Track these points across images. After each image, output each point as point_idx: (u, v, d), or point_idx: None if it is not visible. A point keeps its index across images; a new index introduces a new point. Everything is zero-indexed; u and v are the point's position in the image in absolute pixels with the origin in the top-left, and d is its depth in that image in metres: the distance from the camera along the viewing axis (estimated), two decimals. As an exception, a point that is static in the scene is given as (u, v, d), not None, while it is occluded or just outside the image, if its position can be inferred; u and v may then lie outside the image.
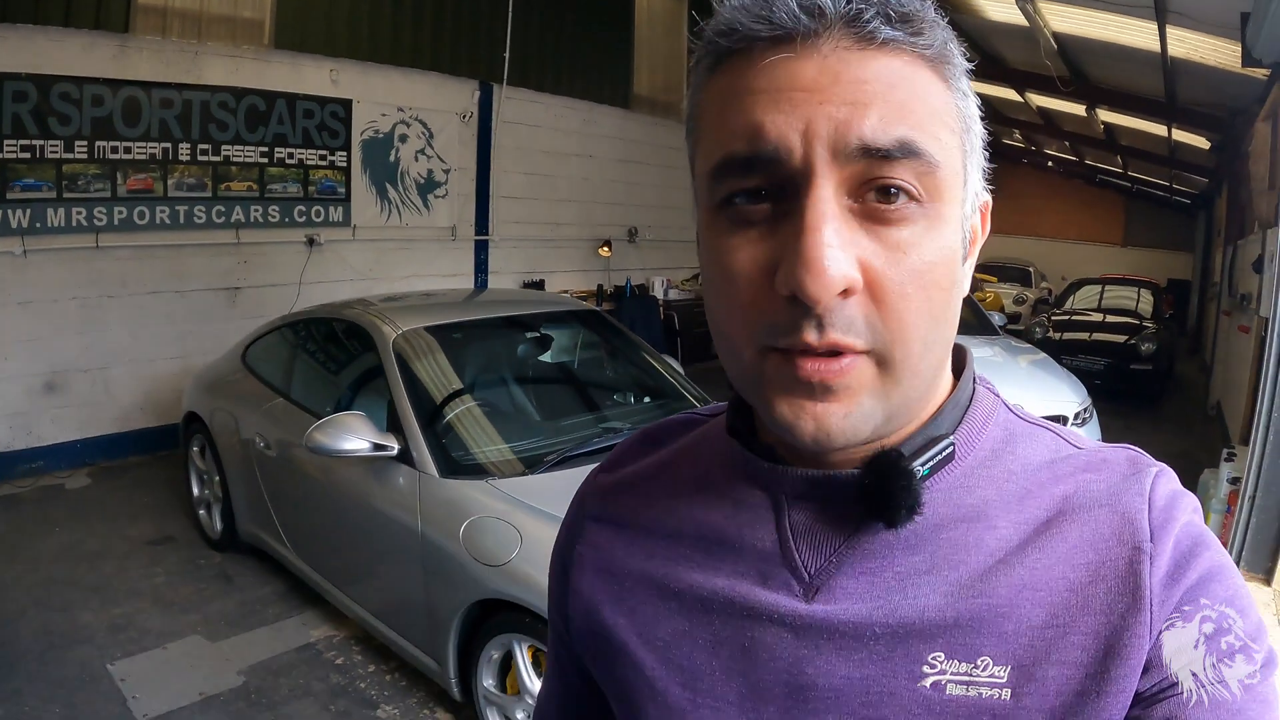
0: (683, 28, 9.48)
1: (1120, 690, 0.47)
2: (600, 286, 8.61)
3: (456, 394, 3.18)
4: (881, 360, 0.48)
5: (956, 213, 0.50)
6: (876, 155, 0.45)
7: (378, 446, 2.79)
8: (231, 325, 5.65)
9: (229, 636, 3.34)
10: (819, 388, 0.47)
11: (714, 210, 0.51)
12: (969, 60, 0.52)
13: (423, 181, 6.85)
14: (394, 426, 2.93)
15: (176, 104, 5.16)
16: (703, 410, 0.72)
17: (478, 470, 2.79)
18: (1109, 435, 5.32)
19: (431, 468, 2.75)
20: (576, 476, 2.74)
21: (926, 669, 0.50)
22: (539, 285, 7.96)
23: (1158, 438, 7.20)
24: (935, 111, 0.48)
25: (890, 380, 0.48)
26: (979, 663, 0.49)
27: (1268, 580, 4.26)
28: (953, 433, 0.55)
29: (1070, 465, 0.54)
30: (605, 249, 8.56)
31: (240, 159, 5.57)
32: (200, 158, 5.33)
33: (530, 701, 2.41)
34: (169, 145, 5.16)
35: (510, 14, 6.89)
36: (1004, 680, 0.49)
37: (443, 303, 3.99)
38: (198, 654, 3.21)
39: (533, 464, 2.83)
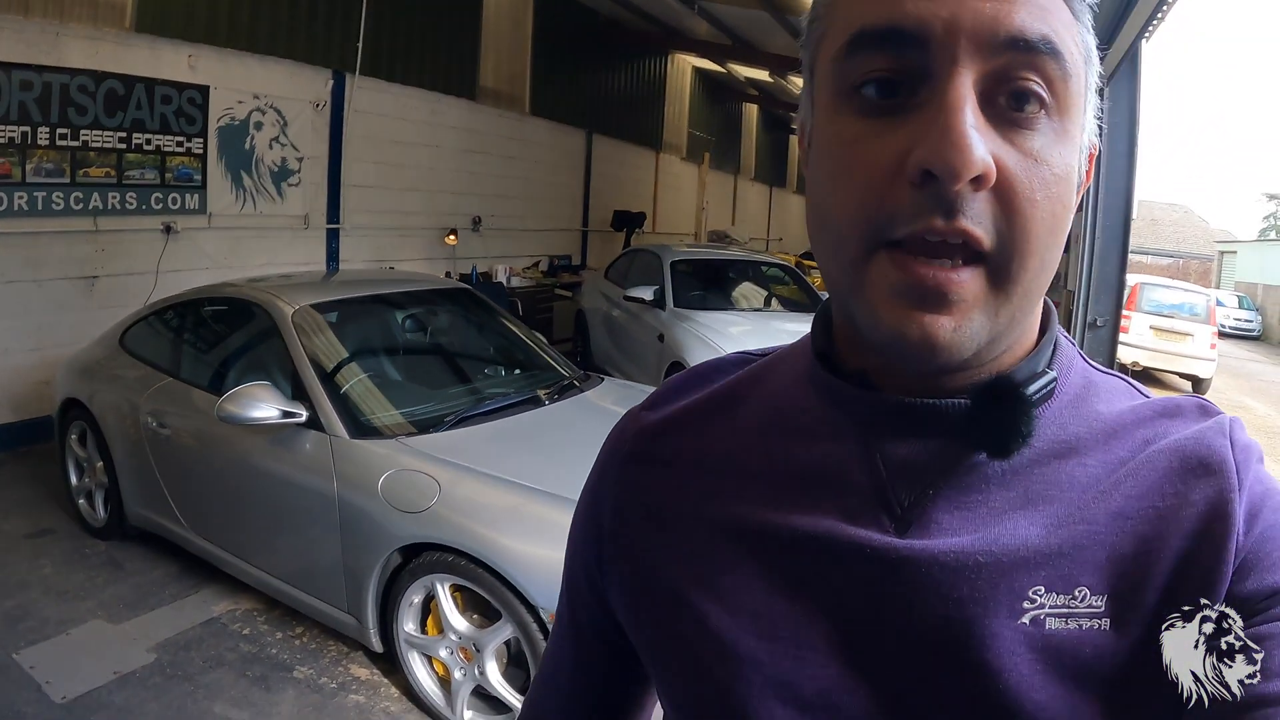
0: (528, 21, 9.68)
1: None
2: (448, 274, 8.65)
3: (352, 365, 3.33)
4: (997, 271, 0.45)
5: (1078, 136, 0.49)
6: (1022, 48, 0.44)
7: (286, 414, 2.91)
8: (88, 315, 5.42)
9: (131, 618, 3.33)
10: (933, 295, 0.45)
11: (839, 97, 0.48)
12: None
13: (277, 169, 6.76)
14: (298, 396, 3.05)
15: (36, 86, 4.92)
16: (755, 350, 0.67)
17: (382, 432, 2.96)
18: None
19: (341, 430, 2.90)
20: (476, 434, 3.02)
21: (1027, 604, 0.47)
22: (389, 273, 7.98)
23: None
24: (1069, 26, 0.47)
25: (1002, 296, 0.46)
26: (1077, 593, 0.47)
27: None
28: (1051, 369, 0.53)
29: (1148, 410, 0.53)
30: (451, 237, 8.61)
31: (99, 144, 5.36)
32: (59, 142, 5.10)
33: (454, 638, 2.60)
34: (28, 129, 4.92)
35: (364, 3, 6.91)
36: (1102, 610, 0.47)
37: (321, 282, 4.11)
38: (103, 636, 3.20)
39: (432, 424, 3.04)
